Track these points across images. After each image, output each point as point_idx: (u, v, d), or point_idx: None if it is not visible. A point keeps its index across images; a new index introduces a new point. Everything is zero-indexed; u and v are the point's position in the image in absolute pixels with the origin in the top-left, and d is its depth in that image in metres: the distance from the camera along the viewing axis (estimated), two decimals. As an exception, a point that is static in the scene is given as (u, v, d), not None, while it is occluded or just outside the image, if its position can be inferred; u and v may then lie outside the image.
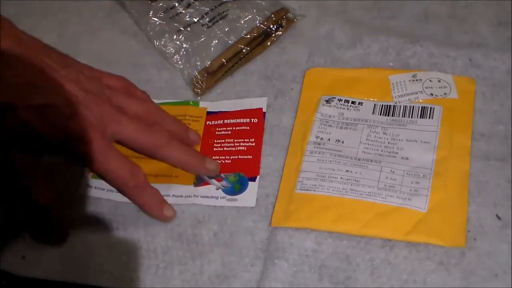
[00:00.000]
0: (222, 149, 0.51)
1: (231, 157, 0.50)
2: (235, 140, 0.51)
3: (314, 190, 0.47)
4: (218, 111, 0.53)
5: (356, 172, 0.47)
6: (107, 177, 0.45)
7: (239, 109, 0.53)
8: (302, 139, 0.50)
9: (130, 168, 0.45)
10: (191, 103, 0.54)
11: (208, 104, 0.54)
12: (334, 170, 0.48)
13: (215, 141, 0.51)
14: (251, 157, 0.50)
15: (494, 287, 0.42)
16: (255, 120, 0.52)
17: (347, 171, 0.47)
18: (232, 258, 0.46)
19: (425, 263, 0.44)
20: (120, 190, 0.47)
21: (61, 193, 0.47)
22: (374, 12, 0.57)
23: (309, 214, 0.46)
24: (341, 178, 0.47)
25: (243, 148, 0.51)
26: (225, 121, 0.52)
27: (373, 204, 0.46)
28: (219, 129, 0.52)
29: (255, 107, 0.53)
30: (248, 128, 0.52)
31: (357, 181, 0.47)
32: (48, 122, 0.42)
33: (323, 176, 0.47)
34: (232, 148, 0.51)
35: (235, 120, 0.52)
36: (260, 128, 0.51)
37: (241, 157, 0.50)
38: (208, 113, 0.53)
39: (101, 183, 0.48)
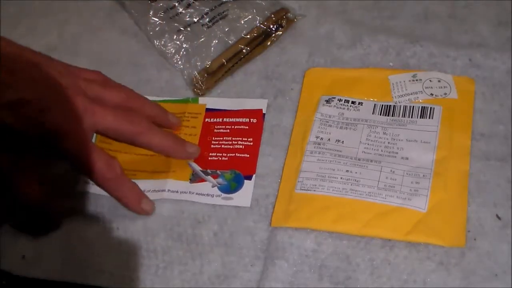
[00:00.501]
0: (220, 146, 0.51)
1: (228, 155, 0.50)
2: (233, 138, 0.51)
3: (314, 190, 0.47)
4: (217, 109, 0.53)
5: (356, 172, 0.47)
6: (84, 170, 0.45)
7: (238, 109, 0.53)
8: (302, 139, 0.50)
9: (107, 160, 0.45)
10: (190, 100, 0.54)
11: (207, 101, 0.54)
12: (334, 170, 0.48)
13: (213, 139, 0.52)
14: (248, 155, 0.50)
15: (494, 287, 0.42)
16: (254, 121, 0.52)
17: (347, 171, 0.47)
18: (232, 258, 0.46)
19: (425, 263, 0.44)
20: (97, 183, 0.46)
21: (53, 187, 0.47)
22: (374, 12, 0.57)
23: (309, 214, 0.46)
24: (341, 178, 0.47)
25: (241, 146, 0.51)
26: (225, 119, 0.52)
27: (373, 204, 0.46)
28: (218, 127, 0.52)
29: (255, 108, 0.53)
30: (247, 127, 0.52)
31: (357, 181, 0.47)
32: (21, 118, 0.42)
33: (323, 176, 0.47)
34: (230, 146, 0.51)
35: (234, 119, 0.52)
36: (259, 129, 0.52)
37: (238, 155, 0.50)
38: (207, 109, 0.53)
39: None
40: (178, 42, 0.57)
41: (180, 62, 0.56)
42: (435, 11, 0.56)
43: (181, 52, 0.56)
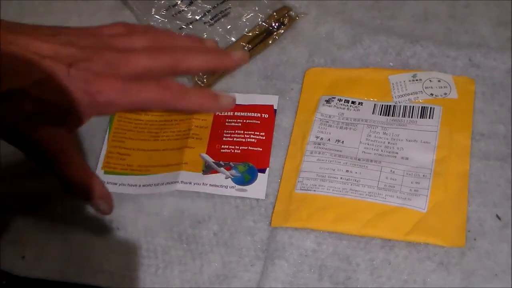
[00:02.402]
0: (232, 139, 0.51)
1: (240, 147, 0.51)
2: (245, 132, 0.51)
3: (314, 190, 0.47)
4: None
5: (356, 172, 0.47)
6: (144, 107, 0.44)
7: (250, 104, 0.53)
8: (302, 139, 0.50)
9: (158, 84, 0.44)
10: None
11: None
12: (334, 170, 0.48)
13: (225, 131, 0.52)
14: (261, 149, 0.50)
15: (494, 287, 0.42)
16: (266, 116, 0.52)
17: (347, 171, 0.47)
18: (232, 258, 0.46)
19: (425, 263, 0.44)
20: (165, 106, 0.45)
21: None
22: (374, 12, 0.57)
23: (309, 214, 0.46)
24: (341, 178, 0.47)
25: (253, 140, 0.51)
26: (236, 113, 0.52)
27: (373, 204, 0.46)
28: (229, 120, 0.52)
29: (266, 104, 0.53)
30: (259, 122, 0.52)
31: (357, 181, 0.47)
32: (57, 89, 0.42)
33: (323, 176, 0.47)
34: (242, 139, 0.51)
35: (245, 113, 0.52)
36: (271, 124, 0.52)
37: (251, 148, 0.50)
38: None
39: (114, 178, 0.50)
40: (180, 40, 0.57)
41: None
42: (435, 11, 0.56)
43: (183, 50, 0.56)
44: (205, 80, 0.54)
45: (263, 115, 0.52)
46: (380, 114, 0.50)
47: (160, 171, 0.50)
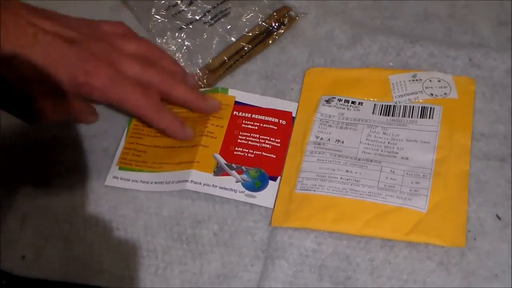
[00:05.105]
0: (247, 142, 0.51)
1: (254, 152, 0.50)
2: (260, 136, 0.51)
3: (314, 190, 0.47)
4: (246, 104, 0.53)
5: (356, 172, 0.47)
6: (122, 105, 0.47)
7: (268, 107, 0.53)
8: (302, 139, 0.50)
9: (143, 92, 0.47)
10: (219, 89, 0.54)
11: (237, 93, 0.54)
12: (334, 170, 0.48)
13: (240, 133, 0.51)
14: (274, 156, 0.50)
15: (494, 287, 0.42)
16: (284, 122, 0.52)
17: (347, 171, 0.47)
18: (232, 258, 0.46)
19: (425, 263, 0.44)
20: (140, 116, 0.48)
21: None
22: (374, 12, 0.57)
23: (309, 214, 0.46)
24: (341, 178, 0.47)
25: (268, 146, 0.50)
26: (253, 115, 0.52)
27: (373, 204, 0.46)
28: (246, 122, 0.52)
29: (285, 110, 0.52)
30: (276, 128, 0.51)
31: (357, 181, 0.47)
32: (53, 61, 0.44)
33: (323, 176, 0.47)
34: (257, 144, 0.51)
35: (263, 117, 0.52)
36: (287, 131, 0.51)
37: (264, 154, 0.50)
38: (236, 102, 0.53)
39: (127, 174, 0.50)
40: (180, 40, 0.57)
41: (181, 60, 0.56)
42: (435, 11, 0.56)
43: (183, 50, 0.56)
44: (205, 80, 0.54)
45: (280, 121, 0.52)
46: (380, 114, 0.50)
47: (172, 169, 0.50)
